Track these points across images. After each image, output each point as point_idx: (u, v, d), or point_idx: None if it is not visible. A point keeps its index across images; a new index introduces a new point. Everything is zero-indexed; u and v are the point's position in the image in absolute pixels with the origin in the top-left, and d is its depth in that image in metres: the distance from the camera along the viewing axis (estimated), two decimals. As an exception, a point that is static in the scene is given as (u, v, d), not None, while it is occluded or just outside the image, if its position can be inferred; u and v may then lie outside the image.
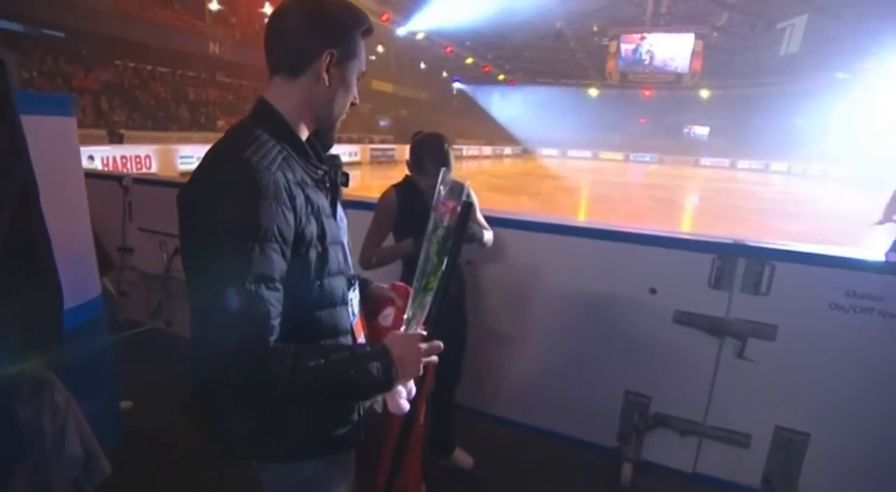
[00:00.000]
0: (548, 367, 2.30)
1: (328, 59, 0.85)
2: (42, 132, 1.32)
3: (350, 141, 21.96)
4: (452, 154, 1.73)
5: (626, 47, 28.82)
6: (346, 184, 1.03)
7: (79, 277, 1.53)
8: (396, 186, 1.83)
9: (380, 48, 28.75)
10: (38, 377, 1.46)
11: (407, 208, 1.78)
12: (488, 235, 1.86)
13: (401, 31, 25.88)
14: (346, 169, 1.04)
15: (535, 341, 2.32)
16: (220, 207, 0.75)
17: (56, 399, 1.49)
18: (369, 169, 18.95)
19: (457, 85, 39.11)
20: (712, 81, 32.09)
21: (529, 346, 2.33)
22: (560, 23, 25.52)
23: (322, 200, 0.89)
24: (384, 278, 1.30)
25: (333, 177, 0.95)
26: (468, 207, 0.91)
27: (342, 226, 1.01)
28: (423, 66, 34.58)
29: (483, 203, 2.01)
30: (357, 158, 20.69)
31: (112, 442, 1.79)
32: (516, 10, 22.19)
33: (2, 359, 1.42)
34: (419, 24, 25.15)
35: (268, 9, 20.75)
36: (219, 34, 19.42)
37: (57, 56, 15.38)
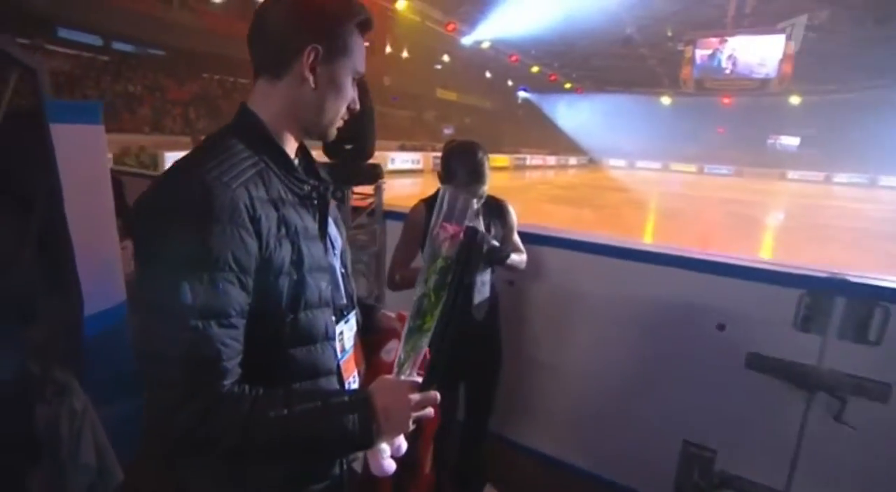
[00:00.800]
0: (593, 402, 2.04)
1: (311, 56, 0.73)
2: (71, 140, 1.33)
3: (413, 149, 22.33)
4: (488, 165, 1.56)
5: (702, 53, 26.90)
6: (342, 199, 0.90)
7: (104, 283, 1.54)
8: (426, 200, 1.69)
9: (445, 57, 29.15)
10: (61, 381, 1.48)
11: (437, 224, 1.63)
12: (518, 259, 1.67)
13: (466, 41, 26.06)
14: (410, 178, 0.91)
15: (580, 373, 2.07)
16: (165, 229, 0.65)
17: (74, 405, 1.49)
18: (431, 177, 19.10)
19: (522, 94, 38.70)
20: (804, 86, 29.12)
21: (573, 377, 2.08)
22: (630, 28, 24.39)
23: (305, 221, 0.76)
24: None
25: (323, 192, 0.82)
26: (473, 233, 0.74)
27: (336, 247, 0.87)
28: (488, 74, 34.58)
29: (543, 216, 1.84)
30: (420, 166, 20.97)
31: (135, 447, 1.78)
32: (583, 17, 21.51)
33: (26, 361, 1.44)
34: (484, 33, 25.19)
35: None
36: (295, 47, 20.57)
37: (157, 72, 17.09)
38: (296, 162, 0.83)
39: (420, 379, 0.78)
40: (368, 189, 2.66)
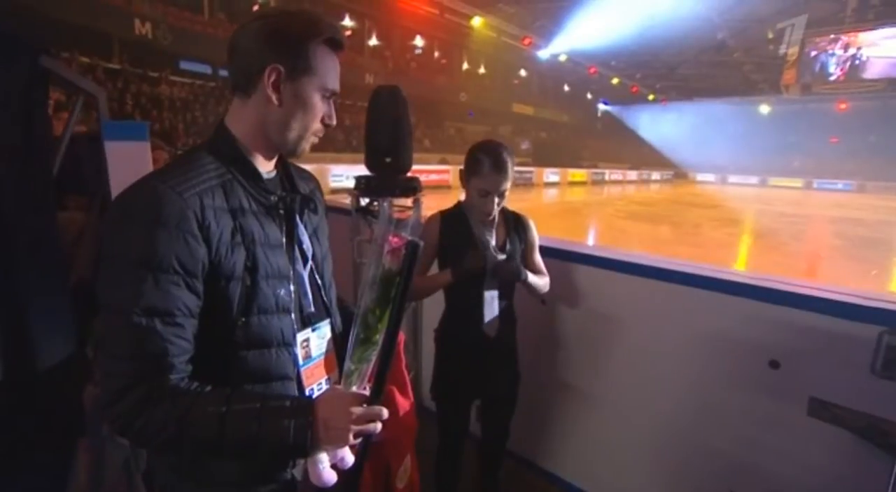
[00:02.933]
0: (628, 435, 1.85)
1: (273, 75, 0.76)
2: (120, 155, 1.49)
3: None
4: (512, 164, 1.51)
5: (811, 53, 24.22)
6: (315, 211, 0.91)
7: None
8: (444, 212, 1.66)
9: (522, 72, 29.10)
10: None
11: (452, 237, 1.59)
12: (539, 281, 1.57)
13: (542, 54, 25.88)
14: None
15: (615, 403, 1.89)
16: (116, 233, 0.71)
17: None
18: (502, 190, 19.00)
19: (602, 106, 37.40)
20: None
21: (607, 407, 1.91)
22: (722, 33, 22.67)
23: (267, 230, 0.79)
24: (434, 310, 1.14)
25: (289, 204, 0.83)
26: (414, 248, 0.71)
27: (309, 257, 0.88)
28: (566, 88, 33.94)
29: (615, 232, 1.73)
30: (489, 180, 20.99)
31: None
32: (667, 24, 20.37)
33: (84, 347, 1.63)
34: (561, 46, 24.87)
35: (419, 41, 22.58)
36: (374, 66, 21.55)
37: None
38: (273, 174, 0.86)
39: (367, 392, 0.76)
40: (409, 201, 2.69)
